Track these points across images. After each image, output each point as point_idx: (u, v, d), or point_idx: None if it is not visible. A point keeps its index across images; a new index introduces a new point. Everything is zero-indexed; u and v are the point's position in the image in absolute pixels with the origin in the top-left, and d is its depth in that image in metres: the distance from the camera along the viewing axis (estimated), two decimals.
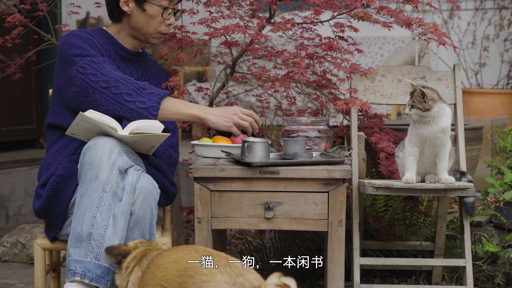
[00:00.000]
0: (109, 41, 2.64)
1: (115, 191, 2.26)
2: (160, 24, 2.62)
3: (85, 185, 2.28)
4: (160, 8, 2.59)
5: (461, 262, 2.88)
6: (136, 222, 2.30)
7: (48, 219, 2.52)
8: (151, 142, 2.42)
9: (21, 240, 3.73)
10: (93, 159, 2.28)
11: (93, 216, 2.23)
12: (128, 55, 2.66)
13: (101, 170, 2.26)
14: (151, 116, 2.41)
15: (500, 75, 6.32)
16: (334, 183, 2.51)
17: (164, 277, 1.92)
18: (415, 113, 2.70)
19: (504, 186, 3.43)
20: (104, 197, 2.25)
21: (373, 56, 6.31)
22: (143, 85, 2.46)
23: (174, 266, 1.93)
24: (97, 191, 2.25)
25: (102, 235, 2.22)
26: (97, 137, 2.34)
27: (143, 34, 2.63)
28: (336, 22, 3.02)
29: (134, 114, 2.42)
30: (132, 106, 2.41)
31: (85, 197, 2.26)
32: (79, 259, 2.22)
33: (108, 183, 2.26)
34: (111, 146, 2.30)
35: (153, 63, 2.78)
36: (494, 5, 6.43)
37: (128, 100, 2.42)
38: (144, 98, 2.43)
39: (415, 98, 2.69)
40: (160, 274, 1.94)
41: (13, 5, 3.73)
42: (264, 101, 3.57)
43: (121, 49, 2.65)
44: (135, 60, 2.68)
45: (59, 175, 2.47)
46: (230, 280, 1.82)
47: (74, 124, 2.35)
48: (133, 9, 2.60)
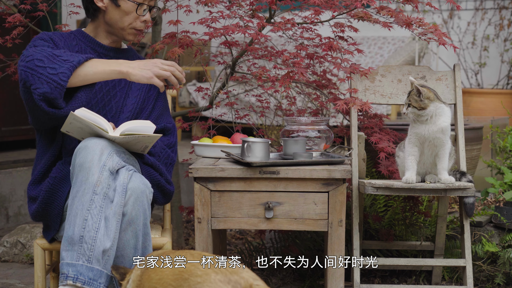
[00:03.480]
0: (85, 40, 2.62)
1: (106, 192, 2.25)
2: (135, 20, 2.59)
3: (76, 187, 2.27)
4: (134, 4, 2.56)
5: (461, 262, 2.88)
6: (129, 223, 2.29)
7: (45, 221, 2.52)
8: (144, 142, 2.41)
9: (21, 240, 3.73)
10: (84, 161, 2.27)
11: (84, 219, 2.22)
12: (105, 51, 2.64)
13: (91, 172, 2.25)
14: (61, 82, 2.31)
15: (500, 75, 6.32)
16: (334, 183, 2.51)
17: (159, 281, 1.94)
18: (411, 111, 2.71)
19: (504, 186, 3.43)
20: (95, 199, 2.24)
21: (373, 56, 6.31)
22: (59, 53, 2.38)
23: (170, 270, 1.94)
24: (88, 193, 2.24)
25: (94, 237, 2.22)
26: (88, 138, 2.33)
27: (117, 30, 2.60)
28: (336, 22, 3.02)
29: (43, 79, 2.31)
30: (42, 71, 2.32)
31: (76, 199, 2.25)
32: (71, 263, 2.21)
33: (98, 185, 2.25)
34: (101, 147, 2.29)
35: (141, 59, 2.76)
36: (494, 5, 6.43)
37: (39, 65, 2.33)
38: (56, 65, 2.33)
39: (411, 96, 2.70)
40: (156, 277, 1.96)
41: (13, 5, 3.72)
42: (264, 101, 3.57)
43: (97, 45, 2.63)
44: (113, 56, 2.65)
45: (54, 177, 2.46)
46: (224, 279, 1.83)
47: (67, 122, 2.34)
48: (107, 5, 2.57)
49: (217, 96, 3.29)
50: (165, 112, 2.72)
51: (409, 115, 2.72)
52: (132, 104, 2.62)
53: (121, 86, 2.62)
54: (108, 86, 2.59)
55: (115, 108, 2.59)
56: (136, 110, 2.62)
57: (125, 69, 2.41)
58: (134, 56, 2.74)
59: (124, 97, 2.62)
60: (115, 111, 2.58)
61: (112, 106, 2.59)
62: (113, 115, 2.57)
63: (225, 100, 3.96)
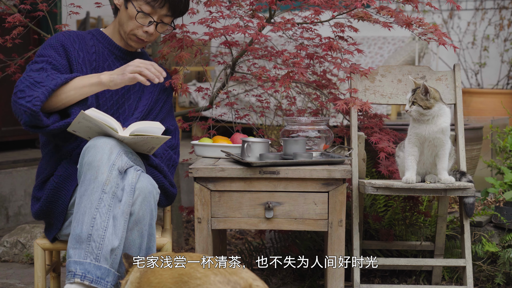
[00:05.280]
0: (103, 41, 2.63)
1: (114, 191, 2.26)
2: (137, 28, 2.58)
3: (85, 186, 2.27)
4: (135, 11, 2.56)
5: (461, 262, 2.88)
6: (135, 223, 2.30)
7: (48, 219, 2.52)
8: (151, 143, 2.42)
9: (21, 240, 3.73)
10: (93, 160, 2.27)
11: (92, 217, 2.23)
12: (122, 54, 2.65)
13: (100, 170, 2.26)
14: (34, 107, 2.32)
15: (500, 75, 6.32)
16: (334, 183, 2.51)
17: (159, 284, 1.93)
18: (416, 110, 2.70)
19: (504, 186, 3.43)
20: (104, 198, 2.24)
21: (373, 56, 6.31)
22: (41, 79, 2.39)
23: (169, 273, 1.94)
24: (96, 192, 2.25)
25: (102, 236, 2.22)
26: (97, 137, 2.34)
27: (123, 32, 2.61)
28: (336, 22, 3.02)
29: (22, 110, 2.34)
30: (21, 102, 2.35)
31: (84, 198, 2.26)
32: (79, 261, 2.21)
33: (107, 184, 2.25)
34: (110, 146, 2.30)
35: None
36: (494, 5, 6.43)
37: (20, 96, 2.37)
38: (34, 92, 2.36)
39: (417, 95, 2.69)
40: (155, 280, 1.95)
41: (13, 5, 3.72)
42: (264, 101, 3.57)
43: (115, 48, 2.64)
44: (130, 60, 2.65)
45: (59, 176, 2.47)
46: (224, 280, 1.83)
47: (75, 121, 2.35)
48: (121, 4, 2.60)
49: (217, 96, 3.29)
50: (169, 115, 2.74)
51: (412, 113, 2.71)
52: (143, 106, 2.64)
53: (135, 90, 2.64)
54: (123, 89, 2.61)
55: (128, 110, 2.61)
56: (146, 112, 2.63)
57: (105, 78, 2.42)
58: (147, 60, 2.73)
59: (137, 100, 2.64)
60: (127, 113, 2.60)
61: (125, 108, 2.61)
62: (125, 117, 2.59)
63: (225, 100, 3.96)
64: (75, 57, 2.54)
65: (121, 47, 2.65)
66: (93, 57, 2.59)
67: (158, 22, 2.59)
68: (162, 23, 2.60)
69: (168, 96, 2.74)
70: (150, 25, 2.58)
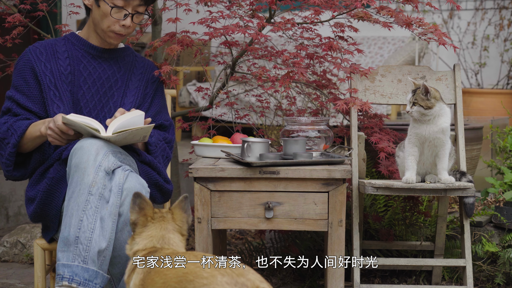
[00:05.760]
0: (78, 43, 2.63)
1: (101, 193, 2.25)
2: (114, 24, 2.55)
3: (72, 188, 2.27)
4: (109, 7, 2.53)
5: (461, 262, 2.88)
6: (125, 223, 2.29)
7: (44, 222, 2.52)
8: (140, 133, 2.41)
9: (21, 240, 3.73)
10: (79, 162, 2.27)
11: (79, 219, 2.22)
12: (98, 53, 2.63)
13: (86, 172, 2.25)
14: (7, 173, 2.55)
15: (500, 75, 6.32)
16: (334, 183, 2.51)
17: (163, 284, 1.91)
18: (417, 110, 2.69)
19: (504, 186, 3.43)
20: (91, 200, 2.24)
21: (373, 56, 6.31)
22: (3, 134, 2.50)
23: (174, 272, 1.92)
24: (83, 194, 2.24)
25: (89, 238, 2.22)
26: (84, 139, 2.33)
27: (100, 31, 2.59)
28: (336, 22, 3.02)
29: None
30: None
31: (72, 200, 2.25)
32: (67, 263, 2.21)
33: (94, 186, 2.24)
34: (97, 147, 2.29)
35: (138, 58, 2.74)
36: (494, 5, 6.43)
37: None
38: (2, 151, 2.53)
39: (418, 95, 2.69)
40: (160, 281, 1.93)
41: (13, 5, 3.72)
42: (264, 101, 3.57)
43: (90, 47, 2.63)
44: (108, 57, 2.64)
45: (51, 178, 2.46)
46: (231, 281, 1.81)
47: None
48: (92, 3, 2.58)
49: (217, 96, 3.29)
50: (163, 110, 2.72)
51: (414, 114, 2.70)
52: (130, 103, 2.62)
53: (117, 86, 2.62)
54: (104, 87, 2.59)
55: (114, 108, 2.58)
56: (134, 108, 2.61)
57: (43, 130, 2.44)
58: (131, 54, 2.72)
59: (122, 97, 2.61)
60: (113, 111, 2.58)
61: (110, 106, 2.59)
62: (112, 115, 2.57)
63: (225, 100, 3.96)
64: (43, 71, 2.55)
65: (97, 46, 2.63)
66: (66, 62, 2.59)
67: (133, 13, 2.56)
68: (137, 13, 2.57)
69: (157, 89, 2.72)
70: (126, 18, 2.55)
